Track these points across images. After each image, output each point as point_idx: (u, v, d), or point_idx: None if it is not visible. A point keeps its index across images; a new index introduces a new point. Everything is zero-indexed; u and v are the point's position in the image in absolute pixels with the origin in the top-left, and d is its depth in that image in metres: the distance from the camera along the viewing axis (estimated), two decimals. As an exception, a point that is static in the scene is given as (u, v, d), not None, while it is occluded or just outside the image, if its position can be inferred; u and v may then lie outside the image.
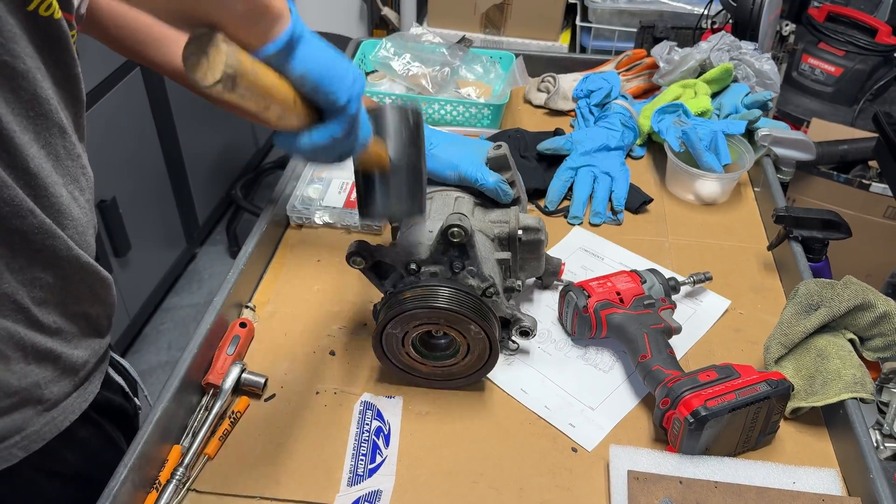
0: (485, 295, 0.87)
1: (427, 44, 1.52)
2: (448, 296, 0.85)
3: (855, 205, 1.95)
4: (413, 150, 0.78)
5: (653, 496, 0.79)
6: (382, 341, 0.89)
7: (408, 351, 0.89)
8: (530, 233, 0.96)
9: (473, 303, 0.85)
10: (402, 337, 0.88)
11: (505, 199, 0.98)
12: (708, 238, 1.20)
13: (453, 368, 0.91)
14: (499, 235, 0.96)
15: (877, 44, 2.08)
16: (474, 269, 0.87)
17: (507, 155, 0.98)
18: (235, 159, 2.94)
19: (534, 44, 2.43)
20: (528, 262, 0.99)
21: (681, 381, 0.84)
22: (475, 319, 0.84)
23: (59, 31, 0.66)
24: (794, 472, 0.83)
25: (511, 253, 0.96)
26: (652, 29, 1.73)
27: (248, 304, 1.04)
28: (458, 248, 0.86)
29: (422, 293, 0.85)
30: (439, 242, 0.85)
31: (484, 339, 0.87)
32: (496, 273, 0.92)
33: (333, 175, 1.26)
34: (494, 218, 0.98)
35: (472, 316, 0.84)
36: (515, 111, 1.51)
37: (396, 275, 0.89)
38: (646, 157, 1.38)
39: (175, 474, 0.81)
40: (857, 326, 0.94)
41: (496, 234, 0.96)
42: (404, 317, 0.85)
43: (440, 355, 0.91)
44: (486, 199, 1.00)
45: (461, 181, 0.98)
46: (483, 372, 0.91)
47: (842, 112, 2.12)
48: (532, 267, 1.00)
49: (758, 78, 1.40)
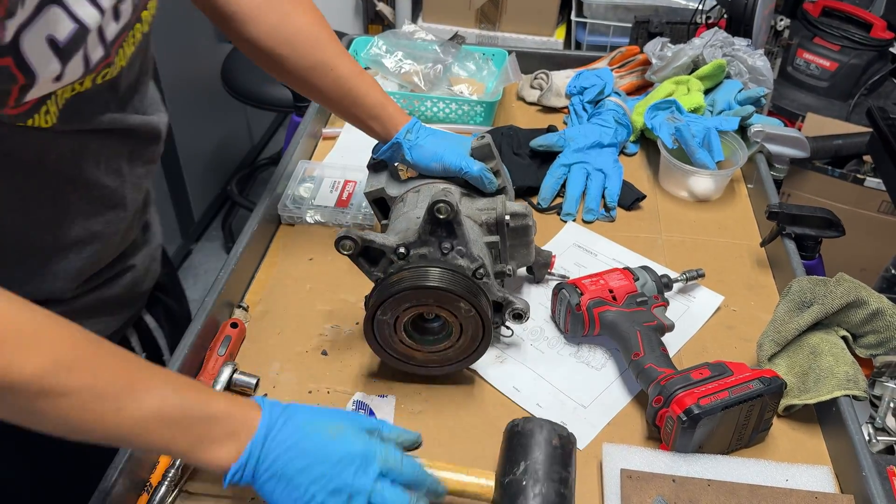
0: (475, 276, 0.87)
1: (419, 41, 1.51)
2: (436, 275, 0.85)
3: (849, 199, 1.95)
4: None
5: (646, 495, 0.79)
6: (375, 331, 0.89)
7: (401, 338, 0.89)
8: (518, 218, 0.96)
9: (462, 280, 0.86)
10: (394, 323, 0.87)
11: (490, 188, 0.98)
12: (701, 235, 1.19)
13: (448, 352, 0.91)
14: (486, 221, 0.96)
15: (872, 38, 2.08)
16: (463, 250, 0.87)
17: (491, 144, 0.98)
18: (231, 155, 2.93)
19: (529, 39, 2.42)
20: (518, 249, 0.99)
21: (673, 379, 0.84)
22: (465, 296, 0.84)
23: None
24: (788, 469, 0.83)
25: (500, 237, 0.96)
26: (647, 24, 1.73)
27: (241, 304, 1.04)
28: (445, 228, 0.86)
29: (410, 275, 0.85)
30: (427, 222, 0.86)
31: (476, 317, 0.87)
32: (486, 256, 0.92)
33: (325, 174, 1.26)
34: (481, 206, 0.98)
35: (461, 293, 0.84)
36: (508, 108, 1.51)
37: (386, 261, 0.89)
38: (639, 154, 1.38)
39: (166, 476, 0.81)
40: (850, 323, 0.93)
41: (484, 220, 0.96)
42: (394, 300, 0.85)
43: (433, 339, 0.90)
44: (472, 189, 1.00)
45: (445, 172, 0.98)
46: (479, 353, 0.91)
47: (837, 107, 2.11)
48: (521, 255, 1.00)
49: (751, 74, 1.40)
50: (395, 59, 1.47)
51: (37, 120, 0.69)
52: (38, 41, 0.63)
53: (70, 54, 0.66)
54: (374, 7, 2.78)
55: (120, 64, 0.76)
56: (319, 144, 1.40)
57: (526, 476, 0.73)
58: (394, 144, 1.00)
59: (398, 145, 0.99)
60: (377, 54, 1.48)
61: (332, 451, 0.66)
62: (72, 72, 0.68)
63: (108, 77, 0.75)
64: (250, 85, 2.33)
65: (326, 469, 0.65)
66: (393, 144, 1.00)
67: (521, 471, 0.73)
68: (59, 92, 0.70)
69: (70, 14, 0.65)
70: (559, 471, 0.74)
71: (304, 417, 0.68)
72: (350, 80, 0.98)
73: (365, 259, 0.90)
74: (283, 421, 0.67)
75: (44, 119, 0.69)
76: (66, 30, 0.65)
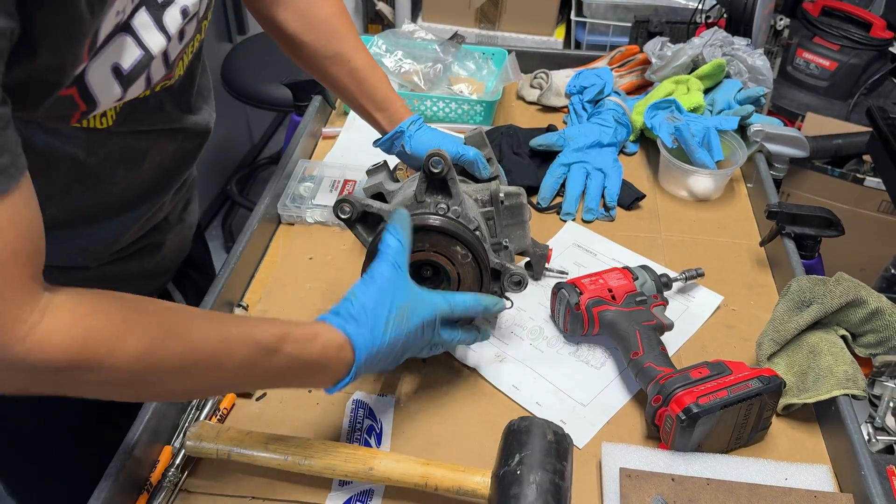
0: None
1: (419, 40, 1.51)
2: (436, 218, 0.87)
3: (849, 199, 1.95)
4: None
5: (645, 493, 0.79)
6: None
7: None
8: (511, 197, 0.99)
9: (461, 227, 0.87)
10: None
11: (485, 173, 1.02)
12: (700, 234, 1.19)
13: None
14: (481, 199, 0.98)
15: (871, 38, 2.08)
16: (459, 210, 0.89)
17: (483, 135, 1.02)
18: (231, 155, 2.93)
19: (528, 38, 2.42)
20: (513, 229, 1.01)
21: (673, 378, 0.84)
22: (458, 238, 0.85)
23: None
24: (786, 468, 0.83)
25: (494, 210, 0.97)
26: (647, 24, 1.72)
27: (241, 303, 1.04)
28: (440, 187, 0.87)
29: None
30: (422, 181, 0.88)
31: (472, 264, 0.87)
32: (482, 223, 0.94)
33: (325, 173, 1.26)
34: (477, 188, 1.00)
35: (455, 233, 0.85)
36: (508, 108, 1.51)
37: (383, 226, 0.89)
38: (639, 154, 1.38)
39: (166, 475, 0.81)
40: (850, 323, 0.93)
41: (479, 198, 0.98)
42: None
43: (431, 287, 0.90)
44: (467, 176, 1.03)
45: None
46: None
47: (836, 106, 2.11)
48: (517, 236, 1.01)
49: (750, 74, 1.40)
50: (395, 59, 1.47)
51: (92, 122, 0.69)
52: (103, 70, 0.64)
53: (133, 80, 0.67)
54: (374, 6, 2.78)
55: (179, 73, 0.78)
56: (319, 144, 1.40)
57: (521, 466, 0.73)
58: (396, 133, 1.03)
59: (400, 134, 1.03)
60: (377, 54, 1.48)
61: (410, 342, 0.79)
62: (132, 93, 0.69)
63: (166, 86, 0.77)
64: (250, 84, 2.33)
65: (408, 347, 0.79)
66: (396, 133, 1.03)
67: (516, 462, 0.74)
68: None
69: (139, 42, 0.66)
70: (554, 463, 0.74)
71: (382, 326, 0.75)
72: (364, 73, 1.03)
73: (363, 227, 0.91)
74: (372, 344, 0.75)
75: (99, 121, 0.70)
76: (132, 57, 0.65)
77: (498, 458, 0.77)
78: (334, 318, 0.74)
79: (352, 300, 0.75)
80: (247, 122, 3.00)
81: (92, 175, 0.77)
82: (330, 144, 1.39)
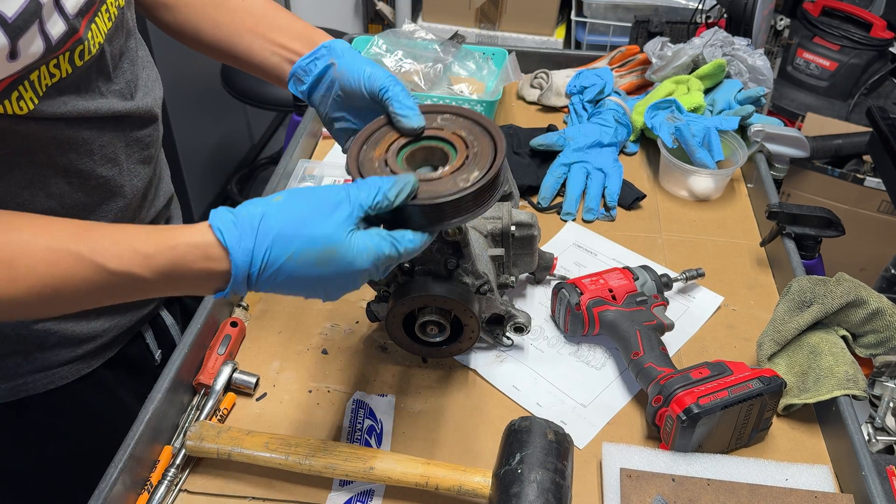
0: (479, 292, 0.88)
1: (419, 40, 1.51)
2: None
3: (849, 199, 1.95)
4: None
5: (645, 494, 0.79)
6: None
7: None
8: (523, 228, 0.96)
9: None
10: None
11: (407, 103, 0.85)
12: (701, 234, 1.19)
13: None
14: (492, 232, 0.96)
15: (871, 38, 2.08)
16: (468, 267, 0.87)
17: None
18: (231, 154, 2.93)
19: (529, 38, 2.42)
20: (521, 257, 0.99)
21: (673, 379, 0.84)
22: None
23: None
24: (787, 468, 0.83)
25: (504, 249, 0.95)
26: (647, 24, 1.72)
27: (240, 303, 1.04)
28: (451, 246, 0.85)
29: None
30: (434, 241, 0.85)
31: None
32: (490, 269, 0.92)
33: (325, 173, 1.26)
34: (487, 214, 0.97)
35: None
36: (508, 108, 1.51)
37: (390, 274, 0.89)
38: (639, 154, 1.38)
39: (166, 475, 0.81)
40: (850, 323, 0.93)
41: (489, 230, 0.96)
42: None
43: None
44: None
45: (371, 84, 0.83)
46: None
47: (836, 106, 2.12)
48: (525, 262, 1.00)
49: (751, 74, 1.40)
50: (396, 59, 1.47)
51: (8, 107, 0.66)
52: None
53: (21, 30, 0.63)
54: (374, 6, 2.78)
55: (97, 41, 0.73)
56: (319, 144, 1.40)
57: (522, 465, 0.73)
58: (320, 50, 0.81)
59: (328, 49, 0.81)
60: (377, 53, 1.48)
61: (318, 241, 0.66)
62: (28, 48, 0.64)
63: (87, 57, 0.72)
64: (250, 84, 2.33)
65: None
66: (319, 50, 0.81)
67: (517, 461, 0.74)
68: (37, 77, 0.67)
69: None
70: (555, 462, 0.74)
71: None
72: (266, 8, 0.86)
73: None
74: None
75: (17, 105, 0.67)
76: (16, 4, 0.62)
77: (499, 457, 0.77)
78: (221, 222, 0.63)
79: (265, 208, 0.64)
80: (247, 122, 3.00)
81: (37, 176, 0.74)
82: (330, 144, 1.39)
